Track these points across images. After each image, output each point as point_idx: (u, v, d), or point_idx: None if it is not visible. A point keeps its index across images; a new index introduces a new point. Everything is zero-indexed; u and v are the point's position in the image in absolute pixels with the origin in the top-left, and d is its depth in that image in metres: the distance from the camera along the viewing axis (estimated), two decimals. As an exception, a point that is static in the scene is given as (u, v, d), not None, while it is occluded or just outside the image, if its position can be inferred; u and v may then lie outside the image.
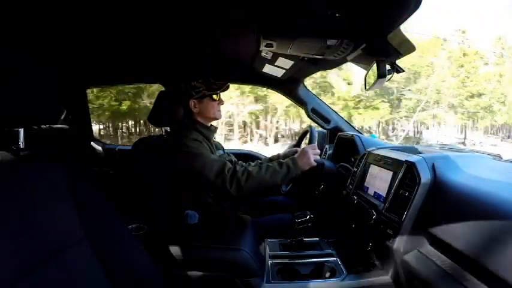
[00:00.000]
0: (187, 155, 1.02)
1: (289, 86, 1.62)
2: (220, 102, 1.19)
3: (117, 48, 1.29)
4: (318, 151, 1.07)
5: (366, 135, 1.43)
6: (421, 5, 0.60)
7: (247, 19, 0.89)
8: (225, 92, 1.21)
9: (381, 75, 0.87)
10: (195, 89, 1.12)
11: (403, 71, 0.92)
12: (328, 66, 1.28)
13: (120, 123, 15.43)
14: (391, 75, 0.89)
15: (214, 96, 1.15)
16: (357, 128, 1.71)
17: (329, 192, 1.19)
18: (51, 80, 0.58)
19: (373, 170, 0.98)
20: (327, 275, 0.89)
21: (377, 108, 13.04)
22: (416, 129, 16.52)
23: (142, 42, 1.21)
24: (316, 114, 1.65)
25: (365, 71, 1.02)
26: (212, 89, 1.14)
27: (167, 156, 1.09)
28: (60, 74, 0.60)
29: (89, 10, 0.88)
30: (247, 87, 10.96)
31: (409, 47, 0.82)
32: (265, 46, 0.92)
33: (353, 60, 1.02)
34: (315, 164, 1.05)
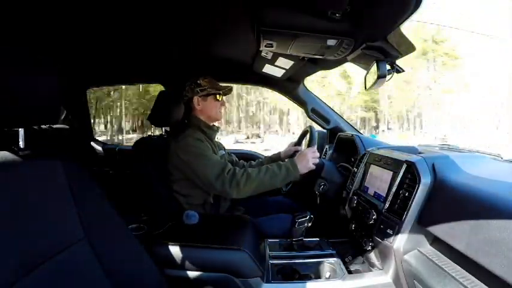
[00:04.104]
0: (189, 155, 1.03)
1: (289, 86, 1.62)
2: (222, 103, 1.20)
3: (117, 48, 1.29)
4: (317, 154, 1.08)
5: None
6: (421, 5, 0.59)
7: (247, 19, 0.89)
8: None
9: (381, 75, 0.87)
10: (200, 86, 1.15)
11: (403, 70, 0.92)
12: (328, 66, 1.28)
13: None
14: (391, 75, 0.89)
15: (218, 97, 1.17)
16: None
17: (329, 192, 1.19)
18: (51, 80, 0.58)
19: (373, 170, 0.98)
20: (327, 275, 0.89)
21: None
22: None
23: (142, 42, 1.21)
24: (316, 114, 1.65)
25: (365, 71, 1.02)
26: (216, 88, 1.16)
27: (168, 156, 1.09)
28: (60, 74, 0.60)
29: (89, 10, 0.88)
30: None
31: (409, 47, 0.82)
32: (265, 46, 0.92)
33: (353, 60, 1.02)
34: (313, 167, 1.06)
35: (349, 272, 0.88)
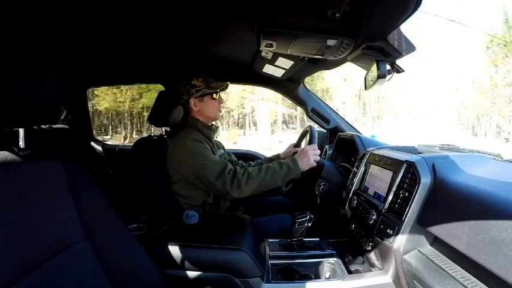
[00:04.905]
0: (187, 156, 1.02)
1: (289, 86, 1.62)
2: (220, 101, 1.18)
3: (118, 48, 1.29)
4: (318, 151, 1.07)
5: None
6: (421, 5, 0.60)
7: (247, 19, 0.89)
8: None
9: (381, 75, 0.87)
10: (195, 87, 1.12)
11: (403, 71, 0.92)
12: (328, 66, 1.28)
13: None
14: (391, 75, 0.89)
15: (215, 95, 1.15)
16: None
17: (329, 192, 1.19)
18: (51, 80, 0.58)
19: (373, 170, 0.98)
20: (327, 275, 0.89)
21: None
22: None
23: (142, 42, 1.21)
24: (316, 114, 1.65)
25: (365, 71, 1.02)
26: (212, 87, 1.13)
27: (168, 157, 1.09)
28: (60, 74, 0.61)
29: (90, 11, 0.88)
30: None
31: (409, 47, 0.82)
32: (265, 46, 0.92)
33: (353, 60, 1.02)
34: (315, 164, 1.05)
35: (349, 272, 0.88)
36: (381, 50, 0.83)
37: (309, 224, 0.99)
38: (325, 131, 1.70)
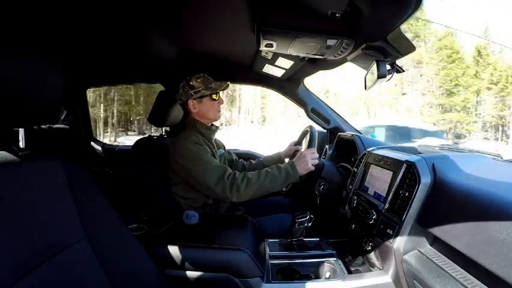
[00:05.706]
0: (186, 159, 1.01)
1: (289, 86, 1.62)
2: (220, 101, 1.16)
3: (117, 48, 1.29)
4: (317, 155, 1.06)
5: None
6: (421, 5, 0.60)
7: (248, 19, 0.89)
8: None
9: (381, 75, 0.87)
10: (193, 89, 1.10)
11: (403, 70, 0.92)
12: (328, 66, 1.28)
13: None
14: (391, 75, 0.89)
15: (214, 96, 1.13)
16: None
17: (329, 192, 1.19)
18: (52, 80, 0.58)
19: (373, 170, 0.98)
20: (327, 275, 0.89)
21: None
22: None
23: (142, 42, 1.21)
24: (316, 114, 1.65)
25: (365, 71, 1.02)
26: (211, 88, 1.11)
27: (167, 158, 1.09)
28: (61, 75, 0.61)
29: (90, 11, 0.88)
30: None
31: (409, 47, 0.82)
32: (265, 46, 0.92)
33: (353, 60, 1.02)
34: (313, 168, 1.04)
35: (349, 272, 0.88)
36: (381, 50, 0.83)
37: (309, 224, 0.99)
38: (325, 131, 1.70)
